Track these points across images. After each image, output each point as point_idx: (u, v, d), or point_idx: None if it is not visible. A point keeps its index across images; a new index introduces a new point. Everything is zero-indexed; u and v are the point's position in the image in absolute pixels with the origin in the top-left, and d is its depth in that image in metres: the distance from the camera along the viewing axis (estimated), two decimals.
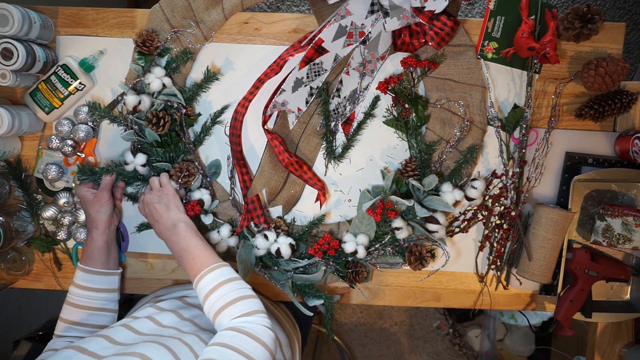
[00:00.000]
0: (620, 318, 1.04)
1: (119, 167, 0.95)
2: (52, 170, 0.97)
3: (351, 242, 0.95)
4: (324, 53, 0.91)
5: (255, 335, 0.66)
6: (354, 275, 0.98)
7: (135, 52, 0.94)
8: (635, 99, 0.97)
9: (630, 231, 0.95)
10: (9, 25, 0.85)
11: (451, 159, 0.99)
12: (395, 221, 0.94)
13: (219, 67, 0.99)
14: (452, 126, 0.97)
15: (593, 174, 0.98)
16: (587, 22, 0.90)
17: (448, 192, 0.95)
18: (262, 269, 0.99)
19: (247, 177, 0.99)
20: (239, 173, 0.98)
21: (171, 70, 0.96)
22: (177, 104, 0.95)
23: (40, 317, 1.60)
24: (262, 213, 0.99)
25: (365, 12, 0.90)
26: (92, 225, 0.92)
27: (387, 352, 2.10)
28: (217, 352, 0.63)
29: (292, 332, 0.99)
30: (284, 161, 0.94)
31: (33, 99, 0.96)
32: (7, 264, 1.00)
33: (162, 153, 0.96)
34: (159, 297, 0.90)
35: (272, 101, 0.93)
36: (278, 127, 0.99)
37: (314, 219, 1.01)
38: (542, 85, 1.00)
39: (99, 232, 0.91)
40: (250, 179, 0.98)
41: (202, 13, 0.95)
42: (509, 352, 1.93)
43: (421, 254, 0.95)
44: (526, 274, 0.97)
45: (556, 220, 0.94)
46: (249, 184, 0.98)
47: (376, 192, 0.98)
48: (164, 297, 0.89)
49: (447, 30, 0.91)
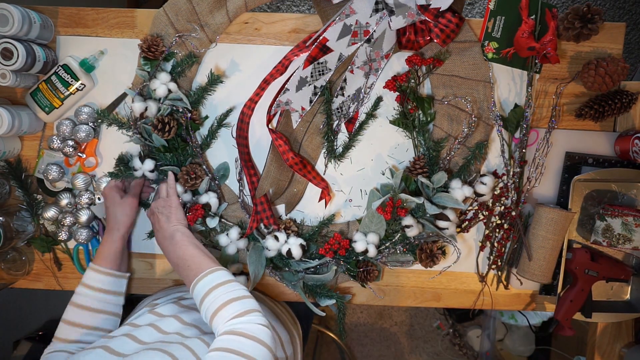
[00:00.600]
0: (620, 318, 1.04)
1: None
2: (53, 170, 0.97)
3: (361, 241, 0.95)
4: (329, 52, 0.91)
5: (253, 335, 0.66)
6: (365, 275, 0.98)
7: (140, 57, 0.94)
8: (635, 99, 0.97)
9: (630, 231, 0.95)
10: (9, 25, 0.85)
11: (459, 156, 0.99)
12: (405, 219, 0.94)
13: (223, 70, 0.99)
14: (459, 122, 0.97)
15: (593, 174, 0.98)
16: (587, 22, 0.90)
17: (457, 188, 0.95)
18: (273, 270, 0.99)
19: (255, 178, 0.99)
20: (247, 175, 0.98)
21: (177, 75, 0.96)
22: (182, 109, 0.95)
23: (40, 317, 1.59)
24: (271, 214, 0.99)
25: (370, 11, 0.90)
26: (114, 227, 0.91)
27: (387, 352, 2.10)
28: (218, 358, 0.62)
29: (292, 329, 0.99)
30: (288, 160, 0.94)
31: (34, 99, 0.96)
32: (7, 264, 1.00)
33: (170, 158, 0.96)
34: (156, 301, 0.89)
35: (276, 100, 0.93)
36: (282, 126, 0.99)
37: (324, 219, 1.01)
38: (543, 85, 1.00)
39: (120, 234, 0.91)
40: (258, 180, 0.98)
41: (207, 16, 0.95)
42: (509, 352, 1.93)
43: (432, 251, 0.95)
44: (526, 274, 0.97)
45: (556, 220, 0.94)
46: (257, 185, 0.98)
47: (385, 190, 0.98)
48: (160, 301, 0.88)
49: (453, 27, 0.91)
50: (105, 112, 0.94)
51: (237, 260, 1.01)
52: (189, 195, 0.96)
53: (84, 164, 1.00)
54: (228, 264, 0.99)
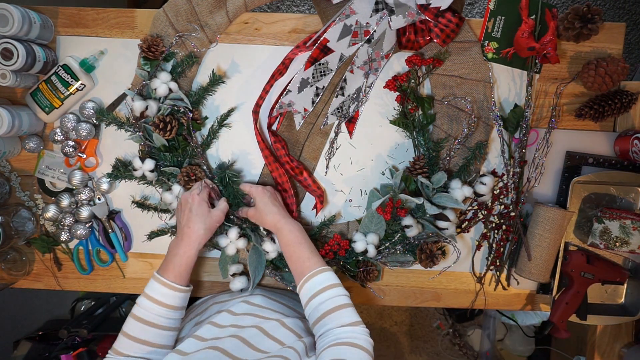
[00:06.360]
0: (615, 321, 1.04)
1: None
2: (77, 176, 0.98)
3: (361, 242, 0.95)
4: (330, 53, 0.91)
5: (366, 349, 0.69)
6: (365, 275, 0.98)
7: (140, 57, 0.94)
8: (635, 99, 0.97)
9: (628, 234, 0.95)
10: (9, 25, 0.85)
11: (459, 156, 0.99)
12: (405, 219, 0.94)
13: (224, 70, 1.00)
14: (459, 123, 0.97)
15: (592, 176, 0.98)
16: (587, 22, 0.90)
17: (457, 188, 0.95)
18: (273, 271, 0.99)
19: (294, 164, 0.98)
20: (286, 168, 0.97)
21: (177, 75, 0.96)
22: (183, 108, 0.95)
23: (40, 317, 1.60)
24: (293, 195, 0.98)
25: (370, 11, 0.90)
26: (197, 240, 0.85)
27: (387, 352, 2.10)
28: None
29: None
30: (285, 165, 0.95)
31: (34, 99, 0.96)
32: (7, 264, 1.01)
33: (170, 158, 0.96)
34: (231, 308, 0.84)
35: (278, 102, 0.93)
36: (284, 128, 0.99)
37: (324, 220, 1.01)
38: (543, 85, 1.00)
39: (198, 248, 0.85)
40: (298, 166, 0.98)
41: (207, 16, 0.95)
42: (509, 352, 1.93)
43: (432, 251, 0.95)
44: (524, 273, 0.97)
45: (553, 219, 0.94)
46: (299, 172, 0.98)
47: (385, 190, 0.98)
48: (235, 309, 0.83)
49: (453, 27, 0.91)
50: (105, 112, 0.94)
51: (237, 260, 1.01)
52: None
53: (85, 164, 1.00)
54: (228, 264, 0.99)
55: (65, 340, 1.38)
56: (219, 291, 1.02)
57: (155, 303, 0.79)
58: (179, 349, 0.71)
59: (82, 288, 1.05)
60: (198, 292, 1.04)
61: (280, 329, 0.78)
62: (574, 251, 1.00)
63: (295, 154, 1.00)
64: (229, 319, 0.79)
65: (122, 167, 0.97)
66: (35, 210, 1.02)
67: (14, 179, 1.02)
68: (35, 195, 1.02)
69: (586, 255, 0.99)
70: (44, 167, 1.00)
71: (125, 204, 1.02)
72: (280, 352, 0.70)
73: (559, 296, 1.00)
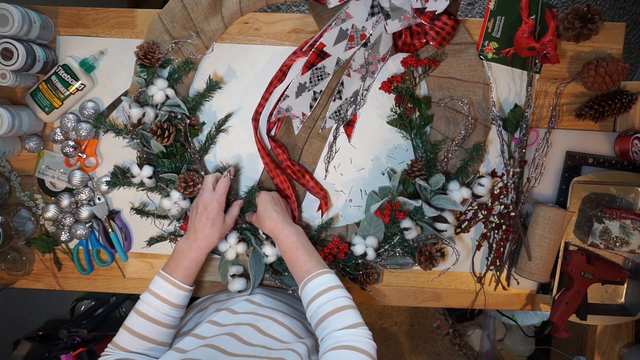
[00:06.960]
0: (615, 321, 1.04)
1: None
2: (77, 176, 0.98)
3: (360, 245, 0.95)
4: (326, 57, 0.91)
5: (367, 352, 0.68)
6: (364, 277, 0.98)
7: (137, 64, 0.94)
8: (635, 99, 0.97)
9: (628, 234, 0.95)
10: (9, 25, 0.85)
11: (457, 158, 0.99)
12: (404, 222, 0.94)
13: (221, 76, 0.99)
14: (456, 124, 0.97)
15: (592, 176, 0.98)
16: (587, 22, 0.90)
17: (455, 190, 0.95)
18: (273, 275, 0.99)
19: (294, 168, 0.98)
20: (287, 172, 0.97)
21: (174, 81, 0.96)
22: (181, 115, 0.95)
23: (40, 317, 1.59)
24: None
25: (366, 15, 0.90)
26: (210, 247, 0.87)
27: (387, 352, 2.10)
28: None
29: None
30: (287, 169, 0.95)
31: (34, 99, 0.96)
32: (7, 264, 1.01)
33: (168, 164, 0.96)
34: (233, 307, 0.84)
35: (276, 108, 0.93)
36: (283, 133, 0.99)
37: (323, 223, 1.01)
38: (543, 85, 1.00)
39: (208, 252, 0.88)
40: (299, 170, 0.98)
41: (202, 23, 0.95)
42: (509, 352, 1.93)
43: (431, 253, 0.95)
44: (524, 273, 0.97)
45: (553, 219, 0.94)
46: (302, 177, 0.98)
47: (383, 193, 0.98)
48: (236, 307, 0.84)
49: (448, 30, 0.91)
50: (102, 119, 0.94)
51: (237, 262, 1.01)
52: (187, 202, 0.96)
53: (85, 164, 1.00)
54: (228, 267, 0.99)
55: (65, 340, 1.38)
56: (218, 291, 1.02)
57: (161, 300, 0.80)
58: (177, 346, 0.71)
59: (82, 288, 1.05)
60: (198, 292, 1.04)
61: (275, 326, 0.78)
62: (574, 251, 1.00)
63: (294, 158, 1.00)
64: (229, 318, 0.79)
65: (121, 175, 0.97)
66: (35, 210, 1.02)
67: (14, 179, 1.02)
68: (35, 195, 1.02)
69: (586, 255, 0.99)
70: (44, 167, 1.00)
71: (125, 204, 1.02)
72: (280, 354, 0.70)
73: (559, 296, 1.00)
